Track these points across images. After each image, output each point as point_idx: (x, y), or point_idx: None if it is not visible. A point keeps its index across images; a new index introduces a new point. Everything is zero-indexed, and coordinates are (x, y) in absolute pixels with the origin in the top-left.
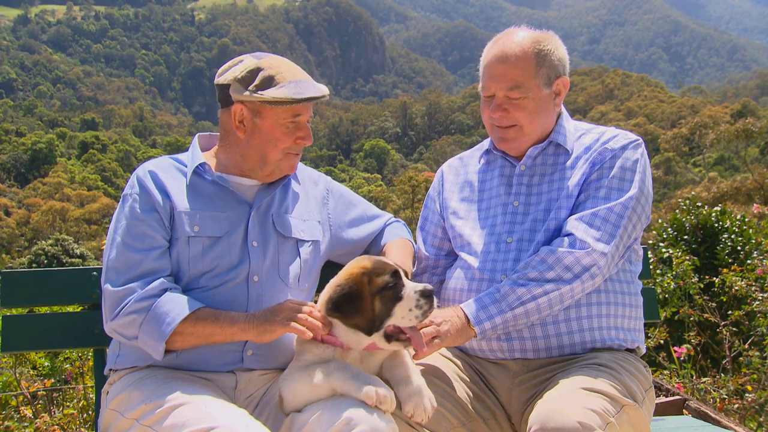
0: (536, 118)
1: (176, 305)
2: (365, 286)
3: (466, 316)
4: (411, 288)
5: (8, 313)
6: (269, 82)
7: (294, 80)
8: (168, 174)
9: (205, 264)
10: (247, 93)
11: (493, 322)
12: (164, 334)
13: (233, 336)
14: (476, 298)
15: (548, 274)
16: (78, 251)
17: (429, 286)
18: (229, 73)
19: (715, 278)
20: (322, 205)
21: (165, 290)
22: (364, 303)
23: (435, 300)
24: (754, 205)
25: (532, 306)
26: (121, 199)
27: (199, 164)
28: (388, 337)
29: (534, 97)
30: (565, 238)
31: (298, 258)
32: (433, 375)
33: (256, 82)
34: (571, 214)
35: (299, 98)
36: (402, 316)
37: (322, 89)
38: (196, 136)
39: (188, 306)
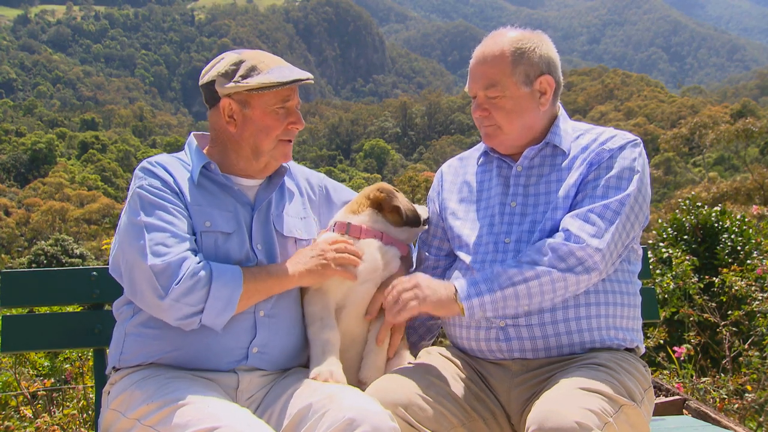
0: (515, 118)
1: (226, 266)
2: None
3: (456, 292)
4: None
5: (8, 313)
6: (253, 71)
7: (277, 66)
8: (174, 168)
9: (218, 258)
10: (231, 84)
11: (482, 299)
12: (238, 284)
13: (290, 281)
14: (469, 278)
15: (541, 260)
16: (78, 251)
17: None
18: (213, 70)
19: (714, 278)
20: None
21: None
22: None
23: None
24: (754, 207)
25: (523, 288)
26: (132, 194)
27: (206, 163)
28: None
29: (511, 95)
30: (561, 233)
31: None
32: (433, 375)
33: (241, 72)
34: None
35: (285, 81)
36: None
37: (305, 72)
38: (191, 134)
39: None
